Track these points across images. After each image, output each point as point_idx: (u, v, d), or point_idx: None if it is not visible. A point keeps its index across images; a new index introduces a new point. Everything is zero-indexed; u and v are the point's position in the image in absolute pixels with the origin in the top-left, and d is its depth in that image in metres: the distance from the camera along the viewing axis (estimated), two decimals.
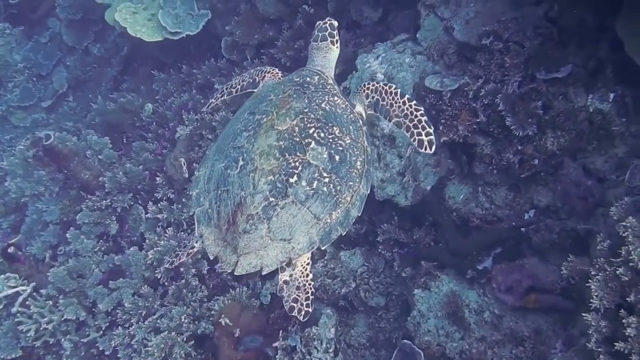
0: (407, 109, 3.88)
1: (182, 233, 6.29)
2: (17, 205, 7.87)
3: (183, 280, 6.05)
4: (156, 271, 6.10)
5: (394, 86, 3.98)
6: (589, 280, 4.03)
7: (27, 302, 6.25)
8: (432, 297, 5.29)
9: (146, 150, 7.20)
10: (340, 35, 6.55)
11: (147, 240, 6.39)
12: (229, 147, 3.75)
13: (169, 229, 6.35)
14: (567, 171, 4.87)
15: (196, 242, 3.85)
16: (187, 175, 6.43)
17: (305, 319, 3.64)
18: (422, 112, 3.85)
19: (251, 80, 4.51)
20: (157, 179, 6.64)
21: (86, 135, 7.51)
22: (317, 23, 4.37)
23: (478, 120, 5.04)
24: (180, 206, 6.42)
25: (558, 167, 4.94)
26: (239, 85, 4.60)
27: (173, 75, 8.09)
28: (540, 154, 4.89)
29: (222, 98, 4.73)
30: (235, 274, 3.50)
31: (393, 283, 5.87)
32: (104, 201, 6.76)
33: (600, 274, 3.98)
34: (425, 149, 3.78)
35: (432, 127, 3.78)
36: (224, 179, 3.63)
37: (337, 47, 4.34)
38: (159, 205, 6.53)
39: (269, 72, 4.46)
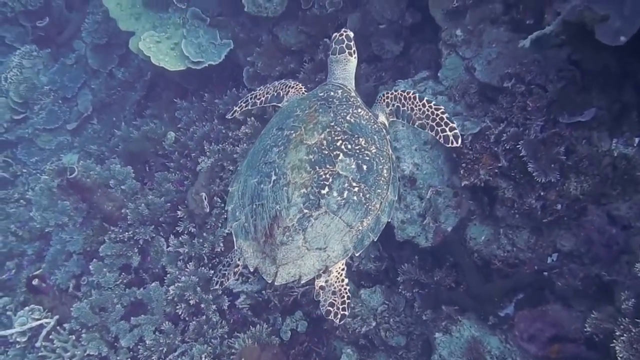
0: (428, 110, 4.07)
1: (202, 268, 6.31)
2: (42, 233, 7.98)
3: (204, 316, 6.09)
4: (177, 307, 6.15)
5: (412, 91, 4.18)
6: (614, 340, 3.97)
7: (50, 336, 6.33)
8: (453, 342, 5.24)
9: (168, 180, 7.24)
10: (361, 69, 6.60)
11: (168, 275, 6.44)
12: (261, 163, 3.91)
13: (190, 263, 6.37)
14: (591, 218, 4.79)
15: (239, 259, 3.98)
16: (208, 210, 6.45)
17: (342, 322, 3.80)
18: (442, 110, 4.04)
19: (275, 94, 4.72)
20: (179, 212, 6.66)
21: (110, 165, 7.59)
22: (333, 35, 4.53)
23: (500, 164, 4.99)
24: (201, 240, 6.43)
25: (581, 212, 4.86)
26: (263, 97, 4.79)
27: (195, 103, 8.13)
28: (563, 199, 4.82)
29: (247, 108, 4.91)
30: (275, 283, 3.66)
31: (414, 322, 5.82)
32: (127, 233, 6.80)
33: (625, 334, 3.91)
34: (452, 144, 3.96)
35: (454, 122, 3.97)
36: (258, 193, 3.79)
37: (355, 57, 4.50)
38: (180, 239, 6.55)
39: (293, 87, 4.67)
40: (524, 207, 4.96)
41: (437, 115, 4.02)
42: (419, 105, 4.10)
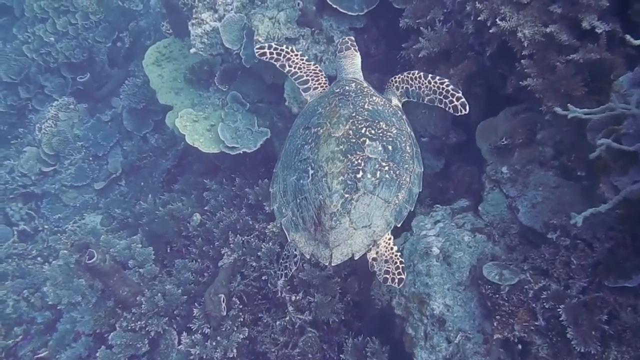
0: (434, 85, 4.64)
1: None
2: None
3: None
4: None
5: (416, 71, 4.75)
6: None
7: None
8: None
9: (188, 269, 7.04)
10: None
11: None
12: (296, 161, 4.34)
13: None
14: None
15: (295, 249, 4.38)
16: (224, 313, 6.21)
17: (401, 285, 4.23)
18: (447, 82, 4.62)
19: (305, 78, 5.10)
20: (195, 310, 6.42)
21: (131, 243, 7.44)
22: (336, 43, 5.18)
23: (537, 323, 4.71)
24: (214, 344, 6.16)
25: None
26: (293, 69, 5.15)
27: (225, 186, 7.94)
28: None
29: (274, 60, 5.21)
30: (332, 264, 4.08)
31: None
32: (139, 322, 6.57)
33: None
34: (461, 112, 4.58)
35: (459, 92, 4.57)
36: (299, 188, 4.22)
37: (358, 53, 5.06)
38: (193, 337, 6.30)
39: (322, 86, 5.07)
40: None
41: (443, 88, 4.59)
42: (425, 83, 4.66)
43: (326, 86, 5.08)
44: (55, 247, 8.85)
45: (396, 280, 4.19)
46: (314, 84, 5.08)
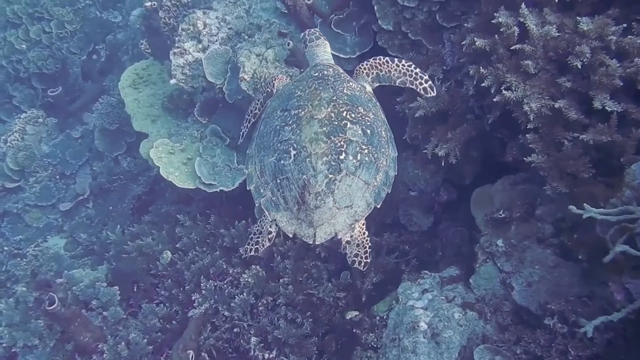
0: (402, 68, 4.88)
1: None
2: None
3: None
4: None
5: (381, 57, 4.93)
6: None
7: None
8: None
9: (156, 315, 6.60)
10: (383, 238, 6.08)
11: None
12: (275, 142, 4.38)
13: None
14: None
15: (270, 226, 4.46)
16: None
17: (365, 269, 4.41)
18: (414, 66, 4.88)
19: (265, 94, 5.22)
20: None
21: (95, 281, 6.99)
22: (303, 35, 5.26)
23: None
24: None
25: None
26: (259, 103, 5.28)
27: (199, 222, 7.52)
28: None
29: (252, 120, 5.41)
30: (316, 243, 4.23)
31: None
32: None
33: None
34: (429, 93, 4.90)
35: (426, 74, 4.91)
36: (280, 169, 4.29)
37: (327, 42, 5.22)
38: None
39: (276, 78, 5.21)
40: None
41: (412, 71, 4.86)
42: (394, 67, 4.87)
43: (281, 77, 5.25)
44: (14, 273, 8.28)
45: (362, 264, 4.35)
46: (272, 84, 5.18)
